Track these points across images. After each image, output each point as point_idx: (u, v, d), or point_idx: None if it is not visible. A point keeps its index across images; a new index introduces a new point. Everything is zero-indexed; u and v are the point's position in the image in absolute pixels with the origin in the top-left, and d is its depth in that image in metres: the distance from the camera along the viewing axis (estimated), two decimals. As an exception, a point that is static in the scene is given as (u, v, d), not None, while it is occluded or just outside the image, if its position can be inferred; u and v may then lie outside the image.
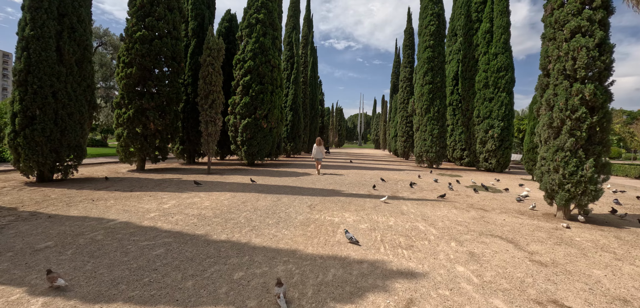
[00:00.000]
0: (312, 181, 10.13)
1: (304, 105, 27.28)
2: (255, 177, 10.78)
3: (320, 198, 7.18)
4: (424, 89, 17.31)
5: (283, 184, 9.29)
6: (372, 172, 13.76)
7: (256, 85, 14.53)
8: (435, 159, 17.14)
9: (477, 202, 7.48)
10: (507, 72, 16.47)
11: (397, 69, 37.40)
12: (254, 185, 8.88)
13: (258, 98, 14.48)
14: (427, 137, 17.22)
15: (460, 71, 19.08)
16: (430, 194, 8.43)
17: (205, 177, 10.56)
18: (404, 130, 25.87)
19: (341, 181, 10.40)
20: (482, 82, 16.92)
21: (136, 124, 12.13)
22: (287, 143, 22.83)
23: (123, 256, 3.55)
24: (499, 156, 16.36)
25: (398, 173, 13.95)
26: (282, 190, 8.28)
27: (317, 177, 11.29)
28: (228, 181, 9.67)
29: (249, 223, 4.96)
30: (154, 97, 12.44)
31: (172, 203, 6.32)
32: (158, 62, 12.63)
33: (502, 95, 16.36)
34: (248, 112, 14.50)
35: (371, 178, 11.54)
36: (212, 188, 8.26)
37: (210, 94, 11.85)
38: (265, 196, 7.29)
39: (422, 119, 17.49)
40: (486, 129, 16.58)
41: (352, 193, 8.10)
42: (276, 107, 15.04)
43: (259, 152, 14.78)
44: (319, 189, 8.55)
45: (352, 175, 12.47)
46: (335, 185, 9.48)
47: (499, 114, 16.31)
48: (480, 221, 5.64)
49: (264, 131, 14.67)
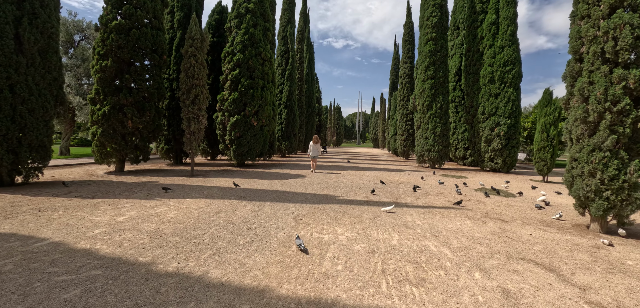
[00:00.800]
0: (303, 184, 9.09)
1: (300, 102, 26.21)
2: (242, 180, 9.72)
3: (310, 207, 6.14)
4: (426, 84, 16.28)
5: (270, 188, 8.24)
6: (370, 174, 12.73)
7: (245, 80, 13.46)
8: (438, 159, 16.13)
9: (492, 210, 6.46)
10: (514, 66, 15.46)
11: (396, 66, 36.37)
12: (237, 190, 7.82)
13: (248, 93, 13.41)
14: (429, 135, 16.20)
15: (464, 66, 18.06)
16: (437, 200, 7.40)
17: (185, 180, 9.50)
18: (404, 129, 24.86)
19: (336, 184, 9.36)
20: (487, 77, 15.91)
21: (112, 122, 11.05)
22: (281, 142, 21.77)
23: (20, 300, 2.51)
24: (506, 155, 15.36)
25: (399, 174, 12.93)
26: (267, 196, 7.23)
27: (310, 179, 10.25)
28: (209, 185, 8.62)
29: (214, 243, 3.91)
30: (133, 92, 11.34)
31: (130, 214, 5.26)
32: (137, 54, 11.52)
33: (508, 90, 15.35)
34: (237, 109, 13.44)
35: (369, 180, 10.51)
36: (187, 193, 7.20)
37: (193, 88, 10.78)
38: (246, 204, 6.24)
39: (423, 116, 16.47)
40: (492, 127, 15.58)
41: (347, 199, 7.07)
42: (268, 104, 13.98)
43: (249, 151, 13.72)
44: (310, 195, 7.51)
45: (349, 176, 11.44)
46: (329, 188, 8.44)
47: (505, 110, 15.31)
48: (502, 237, 4.62)
49: (254, 129, 13.61)
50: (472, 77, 16.88)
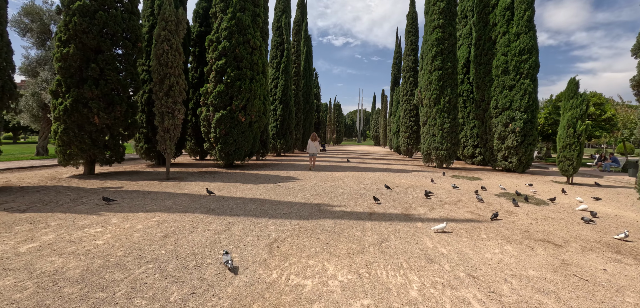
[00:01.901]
0: (293, 190, 7.63)
1: (297, 98, 24.72)
2: (221, 185, 8.26)
3: (295, 225, 4.68)
4: (433, 76, 14.78)
5: (252, 196, 6.78)
6: (372, 175, 11.26)
7: (232, 71, 11.99)
8: (446, 158, 14.66)
9: (531, 226, 5.00)
10: (531, 55, 13.95)
11: (398, 60, 34.81)
12: (208, 200, 6.36)
13: (234, 86, 11.94)
14: (436, 132, 14.72)
15: (473, 56, 16.54)
16: (457, 210, 5.94)
17: (154, 186, 8.04)
18: (407, 125, 23.36)
19: (333, 189, 7.90)
20: (500, 68, 14.40)
21: (76, 118, 9.61)
22: (276, 140, 20.30)
23: None
24: (521, 154, 13.88)
25: (405, 175, 11.45)
26: (244, 207, 5.77)
27: (302, 183, 8.80)
28: (178, 192, 7.16)
29: (128, 302, 2.46)
30: (100, 83, 9.88)
31: (46, 239, 3.82)
32: (105, 40, 10.05)
33: (525, 82, 13.85)
34: (222, 103, 11.97)
35: (372, 183, 9.05)
36: (143, 205, 5.75)
37: (167, 78, 9.32)
38: (211, 221, 4.78)
39: (430, 111, 14.98)
40: (506, 122, 14.10)
41: (345, 211, 5.61)
42: (257, 97, 12.50)
43: (236, 151, 12.26)
44: (298, 205, 6.05)
45: (348, 179, 9.97)
46: (323, 195, 6.98)
47: (521, 104, 13.81)
48: (568, 277, 3.16)
49: (242, 126, 12.15)
50: (484, 68, 15.36)
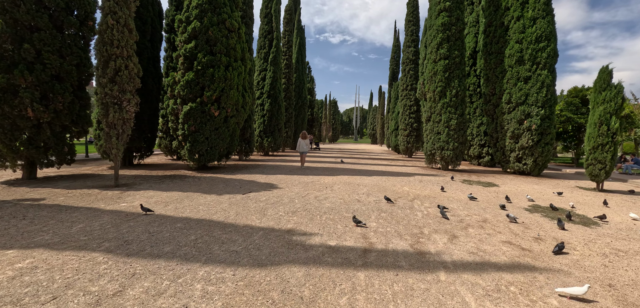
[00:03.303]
0: (263, 205, 5.80)
1: (288, 92, 22.85)
2: (175, 196, 6.42)
3: (239, 281, 2.87)
4: (438, 65, 13.02)
5: (202, 216, 4.95)
6: (369, 180, 9.48)
7: (203, 56, 10.12)
8: (453, 159, 12.93)
9: (613, 275, 3.25)
10: (549, 43, 12.26)
11: (396, 54, 33.01)
12: (136, 223, 4.53)
13: (206, 74, 10.07)
14: (441, 129, 12.98)
15: (482, 45, 14.80)
16: (488, 239, 4.19)
17: (87, 198, 6.19)
18: (407, 122, 21.62)
19: (317, 203, 6.11)
20: (514, 57, 12.68)
21: (4, 110, 7.73)
22: (263, 138, 18.44)
23: None
24: (538, 154, 12.21)
25: (407, 181, 9.69)
26: (180, 237, 3.96)
27: (280, 193, 7.00)
28: (107, 208, 5.32)
29: None
30: (35, 68, 8.00)
31: None
32: (42, 15, 8.15)
33: (542, 73, 12.15)
34: (192, 94, 10.10)
35: (368, 193, 7.27)
36: (33, 233, 3.91)
37: (112, 61, 7.43)
38: (105, 272, 2.97)
39: (434, 106, 13.24)
40: (520, 119, 12.40)
41: (326, 246, 3.81)
42: (234, 88, 10.64)
43: (209, 150, 10.41)
44: (261, 232, 4.25)
45: (339, 187, 8.17)
46: (302, 214, 5.19)
47: (538, 98, 12.12)
48: None
49: (215, 121, 10.29)
50: (494, 57, 13.62)
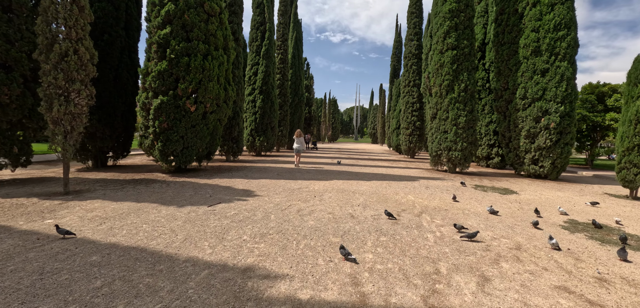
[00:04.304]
0: (226, 225, 4.48)
1: (283, 89, 21.55)
2: (125, 208, 5.14)
3: None
4: (445, 57, 11.70)
5: (134, 244, 3.65)
6: (367, 187, 8.18)
7: (178, 43, 8.84)
8: (461, 160, 11.62)
9: None
10: (570, 31, 10.96)
11: (398, 50, 31.65)
12: (37, 254, 3.25)
13: (180, 63, 8.79)
14: (448, 127, 11.67)
15: (492, 35, 13.50)
16: (534, 281, 2.92)
17: (18, 210, 4.91)
18: (409, 121, 20.30)
19: (297, 222, 4.81)
20: (530, 47, 11.37)
21: None
22: (255, 137, 17.14)
23: None
24: (556, 156, 10.91)
25: (412, 187, 8.39)
26: (81, 281, 2.70)
27: (253, 204, 5.72)
28: (20, 228, 4.04)
29: None
30: (-30, 53, 6.74)
31: None
32: (-19, -10, 6.90)
33: (561, 65, 10.84)
34: (164, 86, 8.82)
35: (364, 205, 5.98)
36: None
37: (57, 43, 6.15)
38: None
39: (441, 102, 11.92)
40: (537, 116, 11.10)
41: (294, 299, 2.54)
42: (214, 79, 9.35)
43: (185, 151, 9.13)
44: (206, 269, 2.99)
45: (329, 195, 6.87)
46: (273, 239, 3.91)
47: (557, 93, 10.81)
48: None
49: (191, 117, 9.01)
50: (507, 48, 12.30)
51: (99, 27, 10.44)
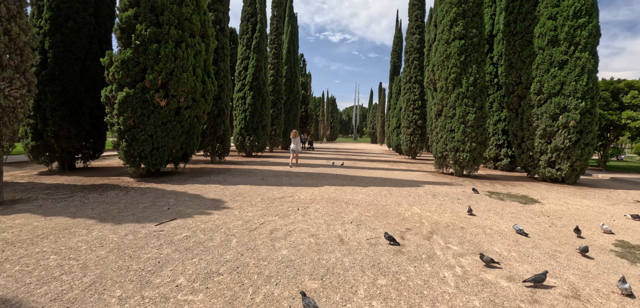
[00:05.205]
0: (164, 256, 3.29)
1: (277, 85, 20.35)
2: (49, 225, 3.96)
3: None
4: (452, 47, 10.53)
5: (15, 295, 2.50)
6: (363, 195, 7.00)
7: (145, 28, 7.64)
8: (470, 162, 10.45)
9: None
10: (591, 18, 9.82)
11: (398, 46, 30.48)
12: None
13: (148, 50, 7.60)
14: (456, 125, 10.50)
15: (503, 25, 12.33)
16: None
17: None
18: (410, 119, 19.12)
19: (266, 249, 3.63)
20: (546, 37, 10.20)
21: None
22: (245, 136, 15.94)
23: None
24: (575, 158, 9.77)
25: (416, 195, 7.21)
26: None
27: (212, 225, 4.53)
28: None
29: None
30: None
31: None
32: None
33: (582, 56, 9.69)
34: (129, 77, 7.62)
35: (358, 221, 4.80)
36: None
37: (-24, 19, 4.96)
38: None
39: (447, 97, 10.74)
40: (554, 114, 9.94)
41: None
42: (188, 70, 8.16)
43: (154, 152, 7.94)
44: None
45: (316, 208, 5.69)
46: (220, 285, 2.73)
47: (577, 87, 9.66)
48: None
49: (162, 113, 7.82)
50: (520, 38, 11.12)
51: (62, 12, 9.27)
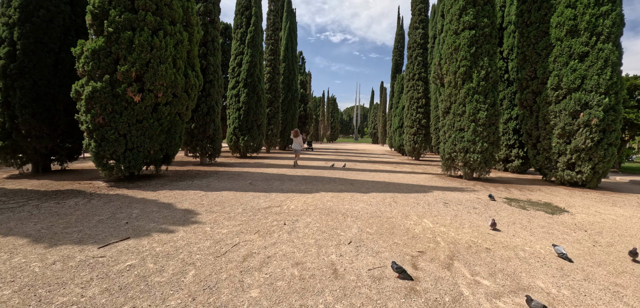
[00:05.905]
0: (82, 304, 2.46)
1: (274, 83, 19.47)
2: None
3: None
4: (461, 38, 9.61)
5: None
6: (364, 204, 6.08)
7: (118, 14, 6.76)
8: (481, 164, 9.52)
9: None
10: (614, 6, 8.93)
11: (400, 44, 29.56)
12: None
13: (121, 39, 6.71)
14: (465, 124, 9.57)
15: (515, 15, 11.42)
16: None
17: None
18: (414, 118, 18.19)
19: (236, 279, 2.73)
20: (565, 27, 9.29)
21: None
22: (239, 136, 15.06)
23: None
24: (598, 159, 8.85)
25: (425, 204, 6.28)
26: None
27: (170, 250, 3.63)
28: None
29: None
30: None
31: None
32: None
33: (605, 47, 8.79)
34: (100, 69, 6.74)
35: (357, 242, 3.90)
36: None
37: None
38: None
39: (456, 93, 9.82)
40: (574, 111, 9.02)
41: None
42: (167, 62, 7.26)
43: (129, 154, 7.04)
44: None
45: (306, 222, 4.77)
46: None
47: (599, 82, 8.74)
48: None
49: (135, 110, 6.93)
50: (535, 29, 10.19)
51: (33, 0, 8.41)
